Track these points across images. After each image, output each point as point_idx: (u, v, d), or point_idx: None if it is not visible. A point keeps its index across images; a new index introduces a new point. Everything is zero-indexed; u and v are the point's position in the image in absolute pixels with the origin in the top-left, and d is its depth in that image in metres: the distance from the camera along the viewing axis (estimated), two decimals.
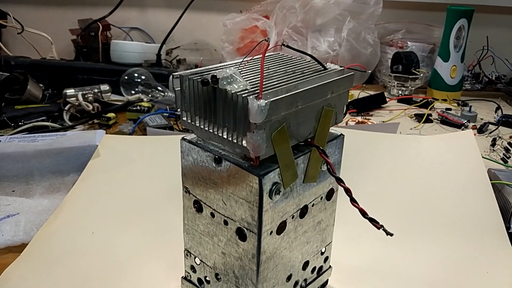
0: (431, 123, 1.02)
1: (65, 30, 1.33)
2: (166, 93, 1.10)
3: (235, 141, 0.39)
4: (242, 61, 0.42)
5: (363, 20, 1.22)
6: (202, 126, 0.41)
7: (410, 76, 1.17)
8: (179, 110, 0.43)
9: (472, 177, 0.69)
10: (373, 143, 0.77)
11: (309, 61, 0.47)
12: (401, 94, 1.19)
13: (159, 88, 1.11)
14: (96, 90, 1.03)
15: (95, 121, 0.98)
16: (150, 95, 1.09)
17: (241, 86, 0.38)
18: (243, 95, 0.36)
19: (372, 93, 1.15)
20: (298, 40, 1.21)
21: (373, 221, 0.39)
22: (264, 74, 0.42)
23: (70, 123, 0.95)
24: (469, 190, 0.67)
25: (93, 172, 0.73)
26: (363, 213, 0.38)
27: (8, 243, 0.60)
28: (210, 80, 0.38)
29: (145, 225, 0.63)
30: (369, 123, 0.94)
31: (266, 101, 0.35)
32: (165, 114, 0.99)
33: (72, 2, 1.42)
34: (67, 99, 0.99)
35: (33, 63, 1.16)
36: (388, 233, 0.39)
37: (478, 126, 0.99)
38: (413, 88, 1.20)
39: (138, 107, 0.99)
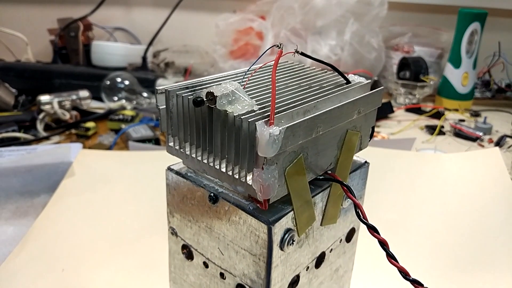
0: (443, 135, 0.93)
1: (43, 30, 1.23)
2: (152, 100, 1.00)
3: (237, 177, 0.29)
4: (247, 72, 0.33)
5: (367, 23, 1.14)
6: (194, 156, 0.32)
7: (419, 84, 1.08)
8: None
9: (501, 202, 0.60)
10: (387, 162, 0.68)
11: (326, 71, 0.38)
12: (408, 102, 1.10)
13: (145, 94, 1.01)
14: (74, 97, 0.93)
15: (73, 131, 0.88)
16: (134, 102, 0.99)
17: (246, 107, 0.28)
18: (250, 120, 0.27)
19: None
20: (296, 43, 1.12)
21: (416, 283, 0.29)
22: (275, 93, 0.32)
23: (44, 134, 0.85)
24: (498, 218, 0.59)
25: (67, 194, 0.64)
26: (405, 274, 0.29)
27: None
28: (204, 99, 0.28)
29: (125, 260, 0.54)
30: (380, 137, 0.85)
31: (280, 128, 0.26)
32: (150, 124, 0.89)
33: (51, 0, 1.32)
34: (42, 107, 0.89)
35: (6, 66, 1.06)
36: None
37: (494, 139, 0.90)
38: (421, 97, 1.12)
39: (120, 116, 0.89)
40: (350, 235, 0.39)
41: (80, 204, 0.63)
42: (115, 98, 1.00)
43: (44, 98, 0.90)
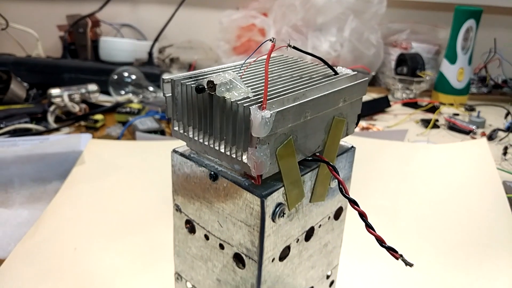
0: (438, 129, 0.97)
1: (52, 26, 1.27)
2: (157, 94, 1.04)
3: (234, 156, 0.33)
4: (243, 64, 0.37)
5: (366, 20, 1.17)
6: (196, 138, 0.36)
7: (415, 79, 1.12)
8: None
9: (487, 190, 0.64)
10: (380, 152, 0.71)
11: (317, 64, 0.41)
12: (405, 97, 1.14)
13: (151, 88, 1.05)
14: (83, 91, 0.97)
15: (82, 123, 0.92)
16: (141, 96, 1.04)
17: (242, 94, 0.32)
18: (245, 105, 0.31)
19: (375, 95, 1.10)
20: (298, 39, 1.16)
21: (391, 250, 0.33)
22: (268, 80, 0.36)
23: (55, 126, 0.89)
24: (483, 204, 0.62)
25: (77, 181, 0.68)
26: (381, 242, 0.33)
27: None
28: (206, 86, 0.32)
29: (133, 240, 0.58)
30: (375, 129, 0.89)
31: (271, 112, 0.30)
32: (156, 116, 0.93)
33: None
34: (52, 100, 0.93)
35: (17, 61, 1.10)
36: (407, 264, 0.33)
37: (487, 133, 0.94)
38: (418, 92, 1.15)
39: (128, 109, 0.93)
40: (338, 213, 0.43)
41: (90, 190, 0.67)
42: (122, 92, 1.04)
43: (54, 91, 0.94)
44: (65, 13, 1.28)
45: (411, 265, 0.33)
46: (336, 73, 0.39)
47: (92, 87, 0.99)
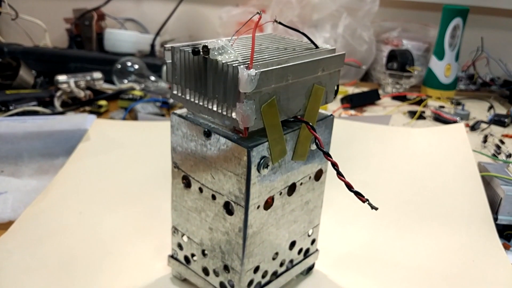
0: (423, 120, 1.02)
1: (59, 19, 1.33)
2: (159, 83, 1.09)
3: (225, 113, 0.38)
4: (233, 36, 0.42)
5: (359, 17, 1.23)
6: (192, 99, 0.41)
7: (405, 74, 1.17)
8: (171, 99, 0.43)
9: (462, 169, 0.69)
10: (364, 134, 0.77)
11: (302, 41, 0.47)
12: (395, 91, 1.19)
13: (152, 78, 1.11)
14: (88, 78, 1.03)
15: (86, 108, 0.97)
16: (143, 85, 1.09)
17: (232, 57, 0.38)
18: (234, 65, 0.36)
19: (366, 90, 1.15)
20: (293, 34, 1.21)
21: (358, 194, 0.38)
22: (256, 50, 0.42)
23: (61, 109, 0.95)
24: (458, 182, 0.68)
25: (83, 155, 0.73)
26: (349, 187, 0.38)
27: None
28: (201, 50, 0.38)
29: (133, 207, 0.63)
30: (362, 116, 0.94)
31: (256, 71, 0.35)
32: (157, 103, 0.98)
33: None
34: (59, 86, 0.98)
35: (26, 50, 1.15)
36: (373, 207, 0.38)
37: (470, 124, 0.99)
38: (408, 86, 1.20)
39: (130, 96, 0.99)
40: (318, 175, 0.48)
41: (95, 163, 0.72)
42: (125, 81, 1.10)
43: (61, 77, 0.99)
44: (72, 7, 1.33)
45: (376, 208, 0.38)
46: (317, 47, 0.45)
47: (97, 74, 1.04)
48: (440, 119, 1.01)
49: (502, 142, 0.89)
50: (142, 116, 0.86)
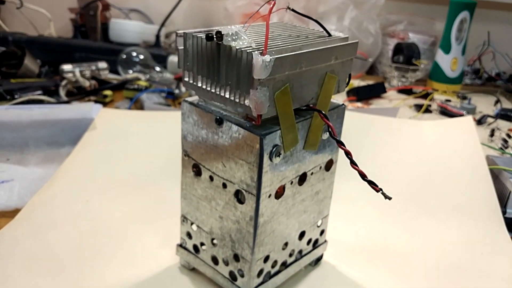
0: (430, 113, 1.02)
1: (64, 9, 1.32)
2: (164, 74, 1.09)
3: (238, 100, 0.38)
4: (246, 22, 0.42)
5: (366, 10, 1.22)
6: (204, 86, 0.41)
7: (411, 67, 1.17)
8: (177, 90, 0.43)
9: (470, 162, 0.69)
10: (372, 126, 0.76)
11: (314, 29, 0.46)
12: (401, 85, 1.19)
13: (157, 68, 1.10)
14: (93, 67, 1.02)
15: (92, 98, 0.97)
16: (148, 76, 1.08)
17: (246, 43, 0.37)
18: (248, 51, 0.36)
19: (372, 83, 1.15)
20: (301, 22, 1.20)
21: (372, 183, 0.38)
22: (269, 37, 0.41)
23: (66, 99, 0.94)
24: (467, 175, 0.67)
25: (89, 143, 0.73)
26: (363, 176, 0.38)
27: (1, 207, 0.59)
28: (214, 36, 0.37)
29: (140, 196, 0.63)
30: (369, 108, 0.94)
31: (271, 57, 0.35)
32: (162, 94, 0.98)
33: None
34: (64, 75, 0.98)
35: (30, 39, 1.14)
36: (386, 197, 0.38)
37: (477, 118, 0.99)
38: (413, 80, 1.20)
39: (135, 86, 0.98)
40: (329, 165, 0.48)
41: (101, 152, 0.72)
42: (130, 71, 1.09)
43: (66, 67, 0.99)
44: None
45: (389, 198, 0.38)
46: (329, 35, 0.44)
47: (102, 64, 1.04)
48: (446, 112, 1.01)
49: (509, 136, 0.89)
50: (148, 106, 0.85)
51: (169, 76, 1.09)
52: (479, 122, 0.97)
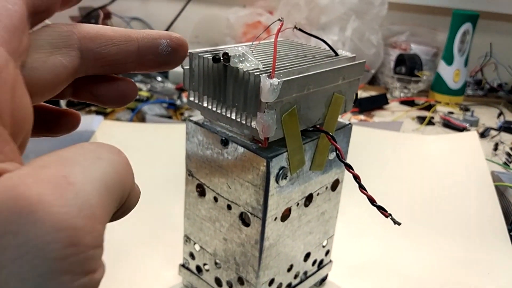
0: (432, 126, 1.01)
1: (65, 17, 1.31)
2: (165, 84, 1.08)
3: (244, 122, 0.37)
4: (253, 42, 0.41)
5: (368, 21, 1.22)
6: (210, 107, 0.40)
7: (413, 79, 1.16)
8: (178, 100, 0.42)
9: (475, 178, 0.68)
10: (376, 140, 0.76)
11: (320, 48, 0.46)
12: (403, 96, 1.18)
13: (159, 78, 1.09)
14: None
15: (92, 108, 0.96)
16: (149, 86, 1.08)
17: (253, 65, 0.36)
18: (255, 73, 0.35)
19: (374, 94, 1.14)
20: (301, 37, 1.20)
21: (381, 209, 0.37)
22: (276, 57, 0.40)
23: (66, 109, 0.93)
24: (472, 191, 0.67)
25: None
26: (372, 200, 0.37)
27: None
28: (221, 58, 0.36)
29: (142, 213, 0.61)
30: (372, 121, 0.93)
31: (279, 80, 0.34)
32: (164, 104, 0.97)
33: None
34: None
35: None
36: (395, 222, 0.37)
37: (480, 131, 0.98)
38: (416, 91, 1.19)
39: (137, 96, 0.97)
40: (335, 185, 0.47)
41: None
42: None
43: None
44: (78, 5, 1.32)
45: (399, 223, 0.37)
46: (337, 54, 0.43)
47: None
48: (449, 125, 1.00)
49: None
50: (150, 119, 0.85)
51: (170, 86, 1.08)
52: (482, 135, 0.97)
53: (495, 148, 0.89)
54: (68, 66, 0.23)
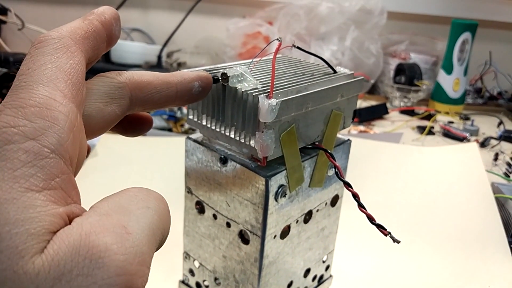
0: (433, 135, 1.01)
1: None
2: None
3: (243, 141, 0.37)
4: (252, 61, 0.41)
5: (367, 30, 1.22)
6: (209, 125, 0.40)
7: (413, 88, 1.16)
8: (178, 112, 0.42)
9: (475, 190, 0.68)
10: (376, 152, 0.76)
11: (318, 64, 0.46)
12: (403, 105, 1.18)
13: None
14: None
15: None
16: None
17: (252, 85, 0.37)
18: (254, 94, 0.35)
19: (374, 103, 1.15)
20: (300, 51, 1.20)
21: (380, 227, 0.37)
22: (274, 76, 0.41)
23: None
24: (472, 203, 0.67)
25: (90, 171, 0.72)
26: (371, 219, 0.37)
27: None
28: (220, 78, 0.37)
29: None
30: (372, 133, 0.93)
31: (277, 101, 0.34)
32: (164, 116, 0.97)
33: (74, 1, 1.41)
34: None
35: None
36: (395, 240, 0.37)
37: (480, 140, 0.98)
38: (415, 100, 1.20)
39: None
40: (334, 201, 0.47)
41: (102, 180, 0.71)
42: None
43: None
44: (78, 16, 1.32)
45: (398, 241, 0.37)
46: (335, 71, 0.44)
47: None
48: (449, 135, 1.00)
49: None
50: (150, 131, 0.85)
51: None
52: (483, 144, 0.97)
53: (495, 158, 0.89)
54: (119, 113, 0.27)
